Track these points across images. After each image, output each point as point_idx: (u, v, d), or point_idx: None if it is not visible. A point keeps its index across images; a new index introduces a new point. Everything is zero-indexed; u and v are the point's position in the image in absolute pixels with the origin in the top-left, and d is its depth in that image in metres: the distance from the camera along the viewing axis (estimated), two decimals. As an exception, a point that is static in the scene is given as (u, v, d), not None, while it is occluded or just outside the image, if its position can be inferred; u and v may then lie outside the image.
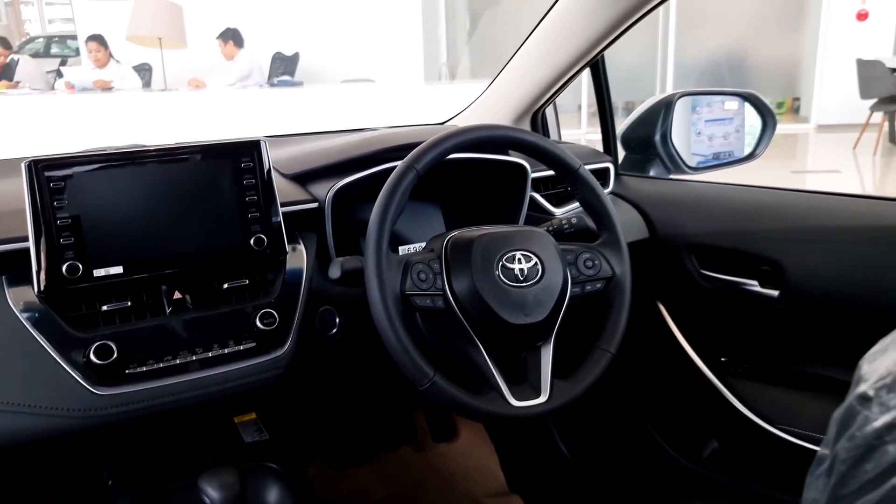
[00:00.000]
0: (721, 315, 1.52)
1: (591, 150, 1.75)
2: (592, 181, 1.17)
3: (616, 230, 1.17)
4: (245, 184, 1.16)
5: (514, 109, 1.75)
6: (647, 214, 1.59)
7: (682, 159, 1.70)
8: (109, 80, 7.03)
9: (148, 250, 1.10)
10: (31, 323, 1.02)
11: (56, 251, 1.03)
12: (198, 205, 1.13)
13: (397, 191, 1.04)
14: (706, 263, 1.50)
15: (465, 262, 1.06)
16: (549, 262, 1.08)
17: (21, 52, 10.10)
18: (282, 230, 1.19)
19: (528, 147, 1.17)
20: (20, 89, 7.19)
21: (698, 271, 1.51)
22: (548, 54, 1.60)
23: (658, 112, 1.68)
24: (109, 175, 1.08)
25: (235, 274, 1.16)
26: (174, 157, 1.12)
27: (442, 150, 1.09)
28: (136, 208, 1.09)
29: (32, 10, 15.25)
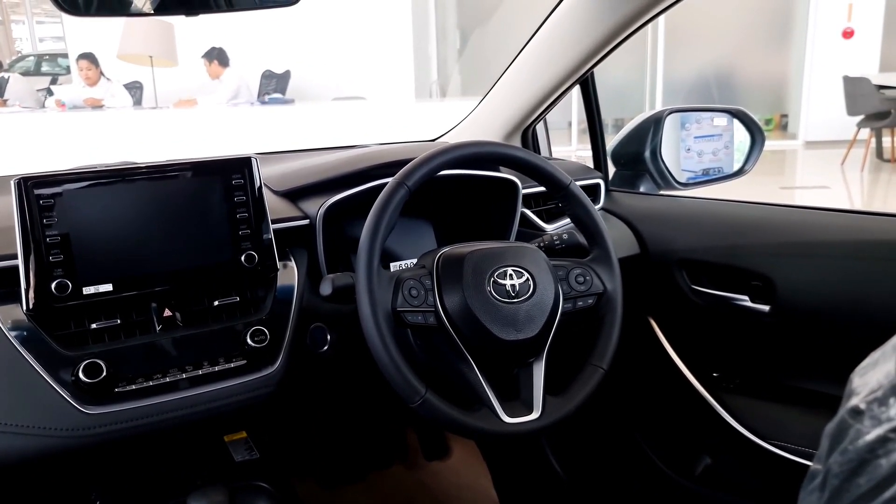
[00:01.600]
0: (712, 330, 1.52)
1: (582, 166, 1.76)
2: (583, 197, 1.18)
3: (607, 246, 1.17)
4: (236, 201, 1.16)
5: (504, 126, 1.75)
6: (638, 230, 1.60)
7: (672, 175, 1.71)
8: (100, 97, 7.03)
9: (138, 267, 1.09)
10: (19, 341, 1.01)
11: (45, 269, 1.03)
12: (188, 222, 1.13)
13: (388, 207, 1.04)
14: (697, 279, 1.50)
15: (457, 279, 1.06)
16: (541, 278, 1.08)
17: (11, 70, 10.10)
18: (273, 247, 1.18)
19: (519, 163, 1.18)
20: (10, 107, 7.18)
21: (689, 286, 1.51)
22: (538, 71, 1.61)
23: (647, 128, 1.69)
24: (99, 192, 1.07)
25: (226, 291, 1.16)
26: (164, 174, 1.12)
27: (432, 166, 1.09)
28: (126, 225, 1.09)
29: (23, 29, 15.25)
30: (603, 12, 1.41)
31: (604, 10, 1.41)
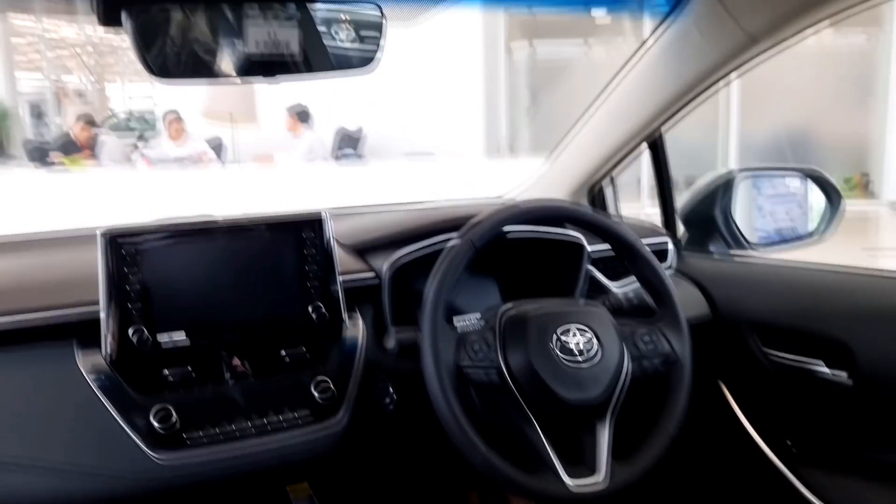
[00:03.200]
0: (786, 397, 1.46)
1: (650, 225, 1.74)
2: (650, 257, 1.16)
3: (675, 307, 1.15)
4: (307, 255, 1.19)
5: (571, 184, 1.76)
6: (708, 292, 1.56)
7: (744, 236, 1.67)
8: (185, 154, 7.37)
9: (211, 318, 1.13)
10: (97, 386, 1.05)
11: (125, 318, 1.07)
12: (261, 275, 1.17)
13: (453, 264, 1.06)
14: (770, 343, 1.45)
15: (521, 336, 1.05)
16: (606, 338, 1.07)
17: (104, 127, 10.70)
18: (340, 301, 1.21)
19: (585, 222, 1.18)
20: (100, 162, 7.58)
21: (762, 351, 1.46)
22: (606, 130, 1.62)
23: (718, 188, 1.67)
24: (178, 245, 1.12)
25: (294, 343, 1.18)
26: (240, 228, 1.16)
27: (499, 224, 1.10)
28: (202, 277, 1.13)
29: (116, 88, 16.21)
30: (673, 72, 1.42)
31: (674, 69, 1.41)
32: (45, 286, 1.17)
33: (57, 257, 1.32)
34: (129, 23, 0.90)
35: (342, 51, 1.05)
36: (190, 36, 0.94)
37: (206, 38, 0.95)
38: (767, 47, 1.27)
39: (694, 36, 1.32)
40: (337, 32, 1.04)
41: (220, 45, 0.95)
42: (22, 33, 12.06)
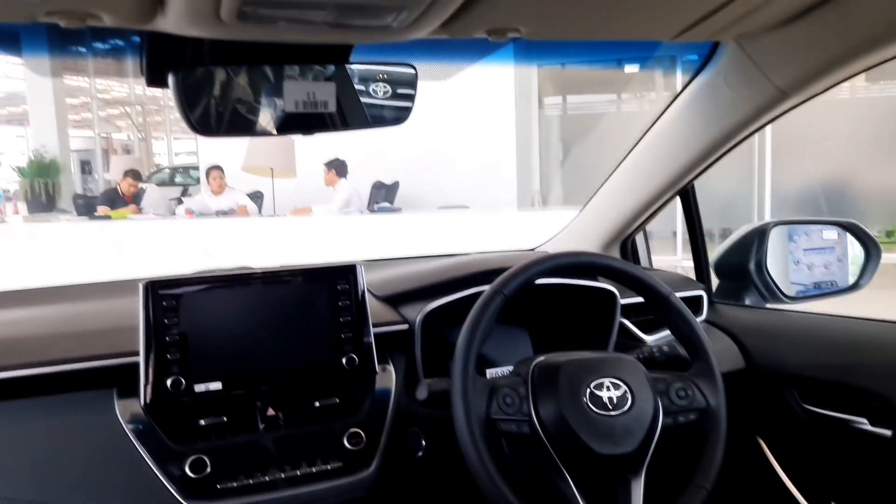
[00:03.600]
0: (828, 453, 1.42)
1: (683, 277, 1.73)
2: (683, 309, 1.16)
3: (710, 359, 1.14)
4: (340, 305, 1.21)
5: (603, 236, 1.76)
6: (743, 344, 1.54)
7: (780, 288, 1.65)
8: (226, 207, 7.54)
9: (246, 367, 1.15)
10: (134, 434, 1.07)
11: (163, 367, 1.10)
12: (295, 324, 1.19)
13: (485, 314, 1.06)
14: (809, 397, 1.42)
15: (552, 388, 1.05)
16: (640, 391, 1.06)
17: (149, 181, 11.02)
18: (373, 350, 1.22)
19: (617, 274, 1.18)
20: (145, 214, 7.80)
21: (800, 406, 1.43)
22: (637, 182, 1.62)
23: (752, 240, 1.66)
24: (217, 295, 1.15)
25: (326, 392, 1.19)
26: (276, 279, 1.19)
27: (530, 275, 1.11)
28: (238, 326, 1.16)
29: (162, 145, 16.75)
30: (703, 125, 1.43)
31: (704, 122, 1.42)
32: (87, 334, 1.20)
33: (99, 306, 1.36)
34: (174, 83, 0.94)
35: (377, 107, 1.09)
36: (232, 94, 0.98)
37: (247, 96, 0.99)
38: (799, 101, 1.28)
39: (724, 90, 1.33)
40: (372, 89, 1.08)
41: (260, 103, 0.99)
42: (76, 94, 12.58)
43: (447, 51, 1.25)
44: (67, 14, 0.79)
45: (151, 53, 0.96)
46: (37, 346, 1.15)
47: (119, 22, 0.83)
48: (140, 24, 0.85)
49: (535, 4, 0.89)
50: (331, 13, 0.85)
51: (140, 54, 0.97)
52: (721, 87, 1.33)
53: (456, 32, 0.96)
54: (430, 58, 1.24)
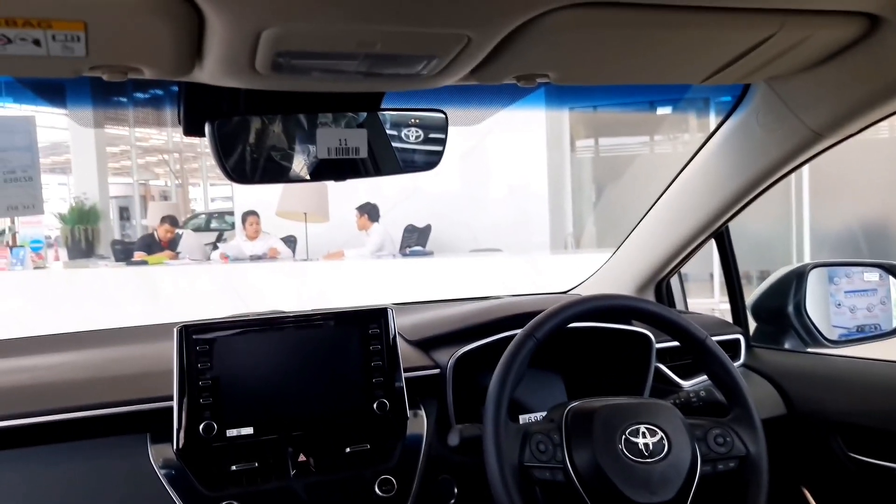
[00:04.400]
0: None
1: (719, 320, 1.70)
2: (720, 353, 1.13)
3: (749, 405, 1.11)
4: (371, 349, 1.21)
5: (637, 278, 1.74)
6: (784, 389, 1.50)
7: (821, 332, 1.61)
8: (260, 251, 7.65)
9: (278, 413, 1.15)
10: (167, 479, 1.07)
11: (196, 410, 1.10)
12: (326, 368, 1.19)
13: (516, 359, 1.05)
14: (854, 445, 1.37)
15: (587, 435, 1.03)
16: (676, 438, 1.04)
17: (186, 227, 11.23)
18: (404, 395, 1.21)
19: (651, 317, 1.16)
20: (181, 259, 7.94)
21: (845, 454, 1.38)
22: (671, 224, 1.61)
23: (790, 282, 1.63)
24: (249, 339, 1.16)
25: (358, 438, 1.19)
26: (309, 323, 1.20)
27: (562, 318, 1.10)
28: (271, 371, 1.16)
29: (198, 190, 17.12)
30: (737, 166, 1.41)
31: (738, 164, 1.41)
32: (122, 379, 1.22)
33: (134, 350, 1.37)
34: (210, 132, 0.96)
35: (408, 152, 1.10)
36: (266, 142, 1.00)
37: (281, 143, 1.01)
38: (834, 142, 1.26)
39: (756, 131, 1.32)
40: (403, 135, 1.09)
41: (293, 150, 1.01)
42: (116, 142, 12.97)
43: (477, 96, 1.26)
44: (111, 68, 0.82)
45: (189, 103, 0.98)
46: (73, 391, 1.17)
47: (159, 74, 0.86)
48: (179, 75, 0.88)
49: (564, 50, 0.90)
50: (362, 63, 0.87)
51: (178, 104, 1.00)
52: (754, 128, 1.32)
53: (485, 79, 0.97)
54: (460, 103, 1.26)
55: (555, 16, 0.77)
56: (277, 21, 0.72)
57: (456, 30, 0.78)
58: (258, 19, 0.72)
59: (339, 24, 0.75)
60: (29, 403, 1.12)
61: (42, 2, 0.65)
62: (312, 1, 0.69)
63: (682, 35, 0.89)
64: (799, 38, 0.92)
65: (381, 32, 0.78)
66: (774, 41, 0.91)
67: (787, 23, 0.86)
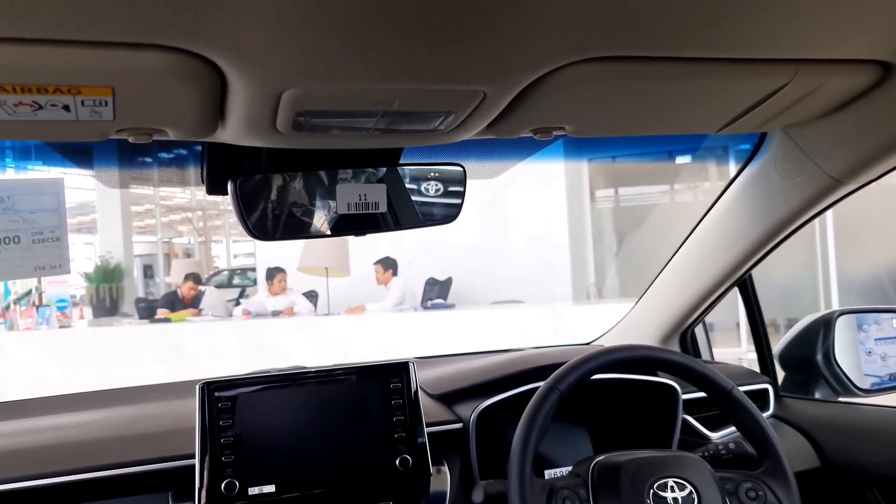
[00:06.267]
0: None
1: (746, 370, 1.67)
2: (748, 403, 1.11)
3: (780, 457, 1.08)
4: (393, 404, 1.20)
5: (661, 328, 1.72)
6: (816, 441, 1.46)
7: (852, 380, 1.57)
8: (282, 307, 7.68)
9: (299, 469, 1.14)
10: None
11: (217, 468, 1.10)
12: (348, 424, 1.18)
13: (540, 412, 1.04)
14: (893, 499, 1.33)
15: (614, 490, 1.01)
16: (706, 492, 1.01)
17: (208, 283, 11.32)
18: (426, 451, 1.20)
19: (676, 367, 1.15)
20: (203, 316, 7.98)
21: (885, 508, 1.33)
22: (694, 273, 1.60)
23: (817, 330, 1.60)
24: (271, 395, 1.16)
25: (380, 495, 1.17)
26: (330, 378, 1.19)
27: (585, 370, 1.08)
28: (292, 427, 1.15)
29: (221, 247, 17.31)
30: (757, 214, 1.41)
31: (758, 211, 1.41)
32: (144, 437, 1.21)
33: (157, 408, 1.37)
34: (232, 190, 0.98)
35: (427, 205, 1.11)
36: (287, 199, 1.02)
37: (302, 200, 1.03)
38: (854, 188, 1.25)
39: (776, 178, 1.32)
40: (422, 189, 1.10)
41: (314, 206, 1.03)
42: (140, 201, 13.21)
43: (496, 149, 1.27)
44: (136, 131, 0.84)
45: (211, 162, 1.00)
46: (97, 450, 1.17)
47: (183, 135, 0.88)
48: (202, 136, 0.90)
49: (579, 104, 0.91)
50: (381, 120, 0.88)
51: (201, 164, 1.02)
52: (773, 176, 1.32)
53: (502, 133, 0.98)
54: (478, 156, 1.27)
55: (569, 70, 0.78)
56: (298, 82, 0.74)
57: (471, 86, 0.79)
58: (279, 81, 0.73)
59: (357, 83, 0.76)
60: (53, 463, 1.12)
61: (72, 69, 0.67)
62: (332, 62, 0.71)
63: (696, 86, 0.90)
64: (813, 86, 0.93)
65: (399, 91, 0.79)
66: (788, 90, 0.92)
67: (800, 72, 0.87)
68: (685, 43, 0.76)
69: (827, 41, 0.80)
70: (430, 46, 0.69)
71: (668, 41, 0.75)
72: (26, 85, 0.69)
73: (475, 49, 0.71)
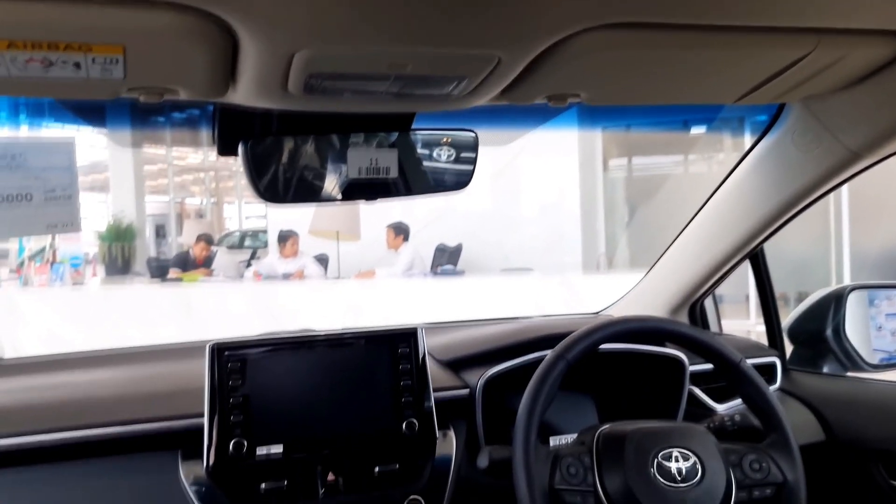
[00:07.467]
0: None
1: (755, 343, 1.67)
2: (755, 376, 1.11)
3: (785, 430, 1.09)
4: (401, 369, 1.21)
5: (671, 300, 1.72)
6: (822, 414, 1.46)
7: (861, 356, 1.57)
8: (292, 269, 7.71)
9: (308, 432, 1.15)
10: (197, 497, 1.08)
11: (226, 430, 1.11)
12: (356, 388, 1.19)
13: (546, 380, 1.04)
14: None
15: (618, 458, 1.01)
16: (710, 463, 1.01)
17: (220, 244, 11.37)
18: (433, 416, 1.21)
19: (684, 339, 1.14)
20: (215, 277, 8.03)
21: (888, 484, 1.34)
22: (706, 245, 1.59)
23: (828, 305, 1.59)
24: (280, 358, 1.17)
25: (387, 458, 1.18)
26: (338, 342, 1.20)
27: (593, 340, 1.08)
28: (301, 390, 1.16)
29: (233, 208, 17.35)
30: (772, 186, 1.39)
31: (773, 184, 1.39)
32: (154, 396, 1.23)
33: (167, 368, 1.39)
34: (243, 152, 0.98)
35: (438, 172, 1.10)
36: (298, 163, 1.01)
37: (313, 164, 1.02)
38: (873, 162, 1.24)
39: (792, 151, 1.30)
40: (434, 155, 1.10)
41: (325, 170, 1.02)
42: (153, 161, 13.22)
43: (509, 116, 1.26)
44: (147, 90, 0.84)
45: (223, 124, 1.00)
46: (107, 408, 1.18)
47: (194, 96, 0.88)
48: (213, 97, 0.90)
49: (595, 71, 0.90)
50: (393, 84, 0.87)
51: (212, 125, 1.01)
52: (789, 148, 1.30)
53: (516, 99, 0.97)
54: (491, 123, 1.26)
55: (585, 37, 0.77)
56: (310, 43, 0.73)
57: (486, 50, 0.78)
58: (291, 42, 0.73)
59: (370, 45, 0.75)
60: (64, 419, 1.14)
61: (83, 27, 0.67)
62: (345, 23, 0.70)
63: (715, 55, 0.89)
64: (834, 57, 0.91)
65: (412, 54, 0.78)
66: (809, 60, 0.90)
67: (822, 42, 0.85)
68: (706, 10, 0.75)
69: (851, 11, 0.78)
70: (445, 8, 0.68)
71: (689, 8, 0.74)
72: (37, 41, 0.69)
73: (491, 12, 0.69)
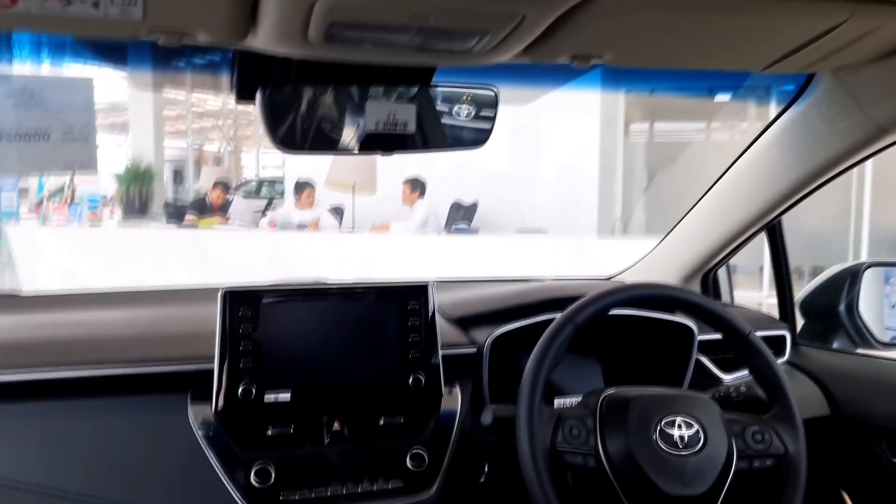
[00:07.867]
0: None
1: (765, 315, 1.66)
2: (763, 348, 1.11)
3: (790, 403, 1.09)
4: (410, 324, 1.22)
5: (684, 268, 1.71)
6: (829, 390, 1.46)
7: (873, 333, 1.56)
8: (307, 219, 7.74)
9: (315, 379, 1.17)
10: (205, 439, 1.10)
11: (236, 374, 1.13)
12: (365, 340, 1.20)
13: (555, 342, 1.05)
14: (900, 451, 1.34)
15: (621, 422, 1.02)
16: (713, 431, 1.02)
17: (237, 192, 11.40)
18: (440, 371, 1.22)
19: (695, 308, 1.14)
20: (231, 224, 8.08)
21: (891, 461, 1.34)
22: (723, 215, 1.57)
23: (843, 281, 1.58)
24: (291, 306, 1.18)
25: (392, 411, 1.20)
26: (350, 294, 1.21)
27: (603, 304, 1.09)
28: (310, 339, 1.17)
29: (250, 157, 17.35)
30: (795, 158, 1.37)
31: (796, 156, 1.37)
32: (166, 338, 1.25)
33: (180, 311, 1.40)
34: (261, 99, 0.97)
35: (457, 128, 1.09)
36: (316, 112, 1.01)
37: (331, 114, 1.01)
38: None
39: (818, 123, 1.28)
40: (453, 111, 1.08)
41: (342, 121, 1.01)
42: (173, 105, 13.20)
43: (531, 74, 1.24)
44: (166, 32, 0.83)
45: (241, 70, 0.99)
46: (120, 347, 1.20)
47: (213, 40, 0.87)
48: (232, 41, 0.89)
49: (621, 32, 0.88)
50: (415, 37, 0.86)
51: (231, 71, 1.00)
52: (815, 120, 1.28)
53: (539, 57, 0.95)
54: (513, 81, 1.24)
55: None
56: None
57: (511, 6, 0.77)
58: None
59: None
60: (77, 356, 1.16)
61: None
62: None
63: (744, 20, 0.86)
64: (868, 27, 0.89)
65: (435, 6, 0.77)
66: (843, 30, 0.88)
67: (857, 11, 0.82)
68: None
69: None
70: None
71: None
72: None
73: None
